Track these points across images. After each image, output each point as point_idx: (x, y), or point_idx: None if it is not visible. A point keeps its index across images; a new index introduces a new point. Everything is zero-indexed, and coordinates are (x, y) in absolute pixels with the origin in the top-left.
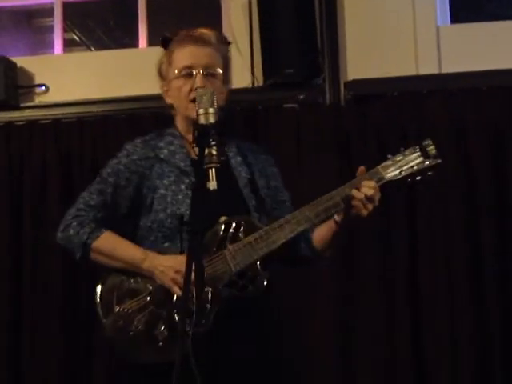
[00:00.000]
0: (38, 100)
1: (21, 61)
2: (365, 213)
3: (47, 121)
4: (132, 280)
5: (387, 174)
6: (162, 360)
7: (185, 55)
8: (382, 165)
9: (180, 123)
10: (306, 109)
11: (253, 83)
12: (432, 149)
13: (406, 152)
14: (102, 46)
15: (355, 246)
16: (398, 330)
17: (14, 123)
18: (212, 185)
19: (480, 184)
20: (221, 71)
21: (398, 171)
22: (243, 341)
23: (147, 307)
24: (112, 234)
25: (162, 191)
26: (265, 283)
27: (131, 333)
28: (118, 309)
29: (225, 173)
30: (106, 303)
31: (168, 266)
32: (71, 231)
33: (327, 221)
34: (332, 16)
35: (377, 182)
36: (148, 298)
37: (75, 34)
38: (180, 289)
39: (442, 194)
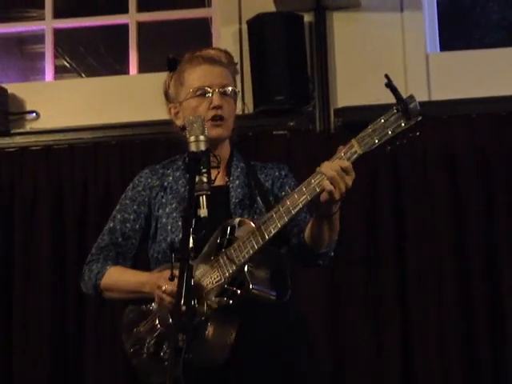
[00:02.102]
0: (28, 126)
1: (12, 87)
2: (337, 195)
3: (38, 147)
4: (146, 306)
5: (361, 145)
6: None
7: (199, 74)
8: (359, 136)
9: None
10: (296, 136)
11: (243, 110)
12: (414, 105)
13: (384, 116)
14: (92, 72)
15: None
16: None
17: (5, 149)
18: (203, 212)
19: (469, 202)
20: (233, 91)
21: (373, 141)
22: (255, 353)
23: (156, 328)
24: (116, 269)
25: (163, 220)
26: (251, 287)
27: (144, 355)
28: (134, 331)
29: (222, 197)
30: (127, 330)
31: (156, 286)
32: (86, 278)
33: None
34: (322, 44)
35: (349, 158)
36: (157, 320)
37: (66, 61)
38: (169, 302)
39: (429, 216)
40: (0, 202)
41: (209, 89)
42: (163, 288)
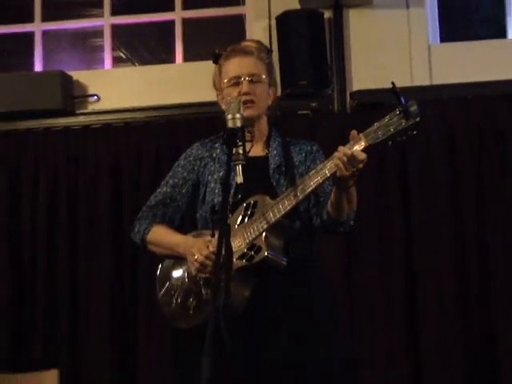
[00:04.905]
0: (90, 108)
1: (76, 74)
2: (346, 173)
3: (98, 125)
4: (179, 262)
5: (368, 139)
6: (193, 325)
7: (231, 67)
8: (366, 131)
9: None
10: (317, 115)
11: None
12: (414, 110)
13: (388, 116)
14: (144, 61)
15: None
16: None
17: (71, 128)
18: (239, 179)
19: (465, 177)
20: (264, 76)
21: (378, 135)
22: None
23: (184, 284)
24: (161, 227)
25: (212, 185)
26: (265, 254)
27: (173, 305)
28: (166, 285)
29: (261, 165)
30: (160, 282)
31: (190, 252)
32: (135, 230)
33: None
34: (339, 36)
35: (359, 147)
36: (186, 276)
37: (122, 52)
38: (196, 270)
39: (431, 184)
40: (67, 172)
41: (239, 78)
42: (195, 257)
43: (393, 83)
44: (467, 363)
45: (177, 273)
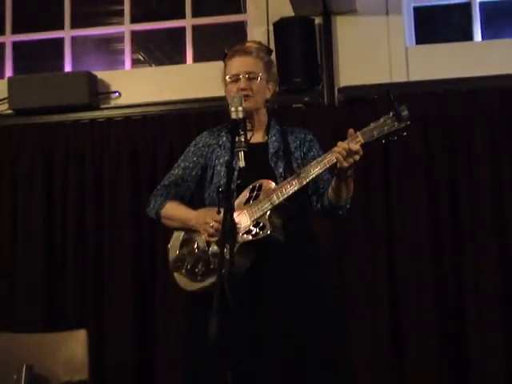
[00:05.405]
0: (113, 103)
1: (101, 74)
2: (345, 164)
3: (120, 118)
4: (188, 233)
5: (364, 137)
6: (199, 289)
7: (232, 65)
8: (363, 130)
9: None
10: (309, 108)
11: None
12: (405, 114)
13: (383, 118)
14: (159, 62)
15: None
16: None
17: (96, 120)
18: (241, 163)
19: (439, 160)
20: (261, 74)
21: (373, 134)
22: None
23: (193, 253)
24: (174, 203)
25: (218, 168)
26: (268, 232)
27: (183, 270)
28: (177, 253)
29: (261, 150)
30: (173, 249)
31: (203, 220)
32: (151, 205)
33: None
34: (328, 39)
35: (356, 143)
36: (195, 246)
37: (140, 55)
38: (208, 235)
39: (408, 172)
40: (93, 158)
41: (238, 76)
42: (211, 224)
43: (388, 91)
44: (441, 335)
45: (187, 243)
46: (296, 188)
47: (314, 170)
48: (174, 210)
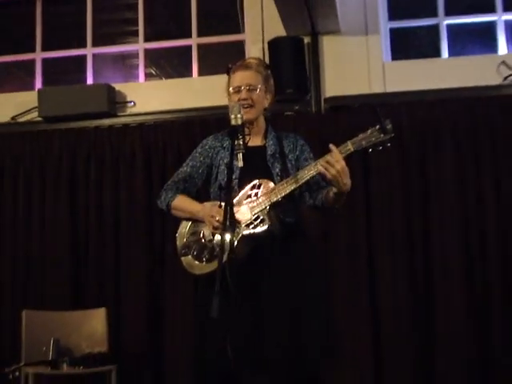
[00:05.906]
0: (128, 111)
1: (118, 86)
2: (329, 175)
3: (134, 124)
4: (196, 224)
5: (353, 146)
6: (204, 273)
7: (235, 78)
8: (352, 140)
9: None
10: (299, 115)
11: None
12: (389, 127)
13: (370, 130)
14: (169, 76)
15: None
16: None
17: (113, 127)
18: (240, 163)
19: (411, 160)
20: (260, 85)
21: (361, 144)
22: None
23: (200, 241)
24: (183, 197)
25: (222, 167)
26: (267, 225)
27: (189, 256)
28: (185, 240)
29: (260, 153)
30: (181, 237)
31: (210, 214)
32: (162, 198)
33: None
34: (316, 56)
35: (344, 152)
36: (201, 235)
37: (152, 69)
38: (213, 228)
39: (387, 178)
40: (111, 160)
41: (240, 88)
42: (216, 218)
43: (375, 108)
44: (413, 301)
45: (194, 232)
46: (292, 187)
47: (309, 173)
48: (184, 203)
